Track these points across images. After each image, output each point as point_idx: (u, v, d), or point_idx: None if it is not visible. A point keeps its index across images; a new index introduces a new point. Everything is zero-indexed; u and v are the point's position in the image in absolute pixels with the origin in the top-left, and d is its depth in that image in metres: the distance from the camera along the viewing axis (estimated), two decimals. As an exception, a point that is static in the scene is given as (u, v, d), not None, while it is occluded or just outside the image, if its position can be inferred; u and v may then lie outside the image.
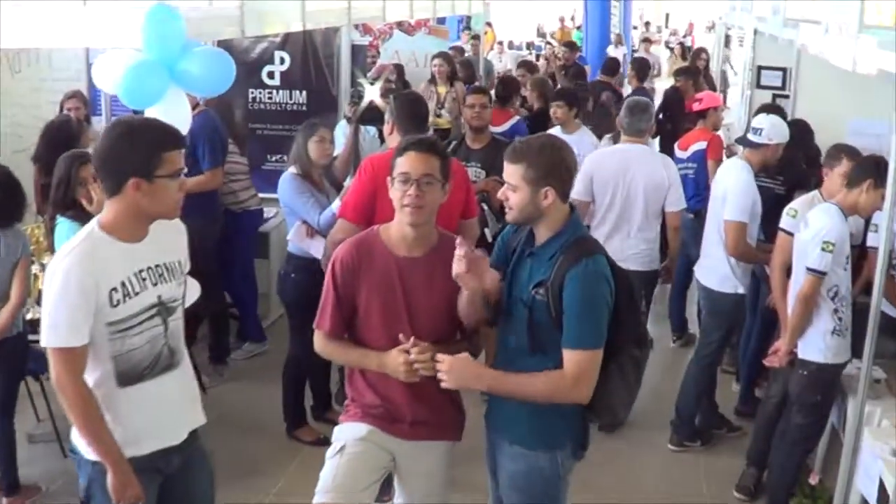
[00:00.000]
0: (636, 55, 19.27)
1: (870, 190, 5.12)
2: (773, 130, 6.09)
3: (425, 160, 3.67)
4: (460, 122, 9.12)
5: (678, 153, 8.16)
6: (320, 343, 3.89)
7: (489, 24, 29.40)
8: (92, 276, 3.22)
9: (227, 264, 7.42)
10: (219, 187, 6.91)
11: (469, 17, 17.08)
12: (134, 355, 3.38)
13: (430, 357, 3.56)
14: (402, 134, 5.21)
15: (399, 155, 3.70)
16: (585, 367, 3.44)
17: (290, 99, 8.57)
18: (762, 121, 6.16)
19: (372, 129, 6.87)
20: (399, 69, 10.17)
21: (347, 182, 6.55)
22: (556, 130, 7.96)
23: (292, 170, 6.08)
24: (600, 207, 6.51)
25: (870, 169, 5.17)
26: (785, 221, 5.72)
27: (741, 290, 6.19)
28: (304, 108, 8.50)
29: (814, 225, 5.16)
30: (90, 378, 3.33)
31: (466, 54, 15.03)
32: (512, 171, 3.54)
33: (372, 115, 6.39)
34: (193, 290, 6.29)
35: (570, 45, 16.79)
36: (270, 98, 8.60)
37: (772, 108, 7.83)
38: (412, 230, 3.70)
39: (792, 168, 6.84)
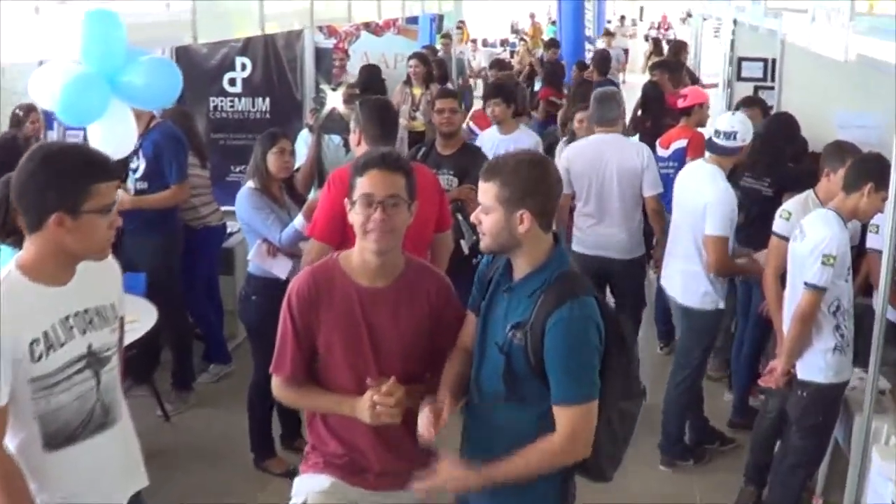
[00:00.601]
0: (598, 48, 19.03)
1: (871, 194, 4.71)
2: (745, 130, 5.70)
3: (390, 179, 3.29)
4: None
5: (659, 151, 7.78)
6: (281, 390, 3.49)
7: (462, 23, 29.12)
8: (9, 325, 2.82)
9: (188, 284, 7.04)
10: (185, 201, 6.55)
11: (441, 17, 16.69)
12: (62, 414, 2.98)
13: (396, 401, 3.18)
14: (371, 143, 4.88)
15: (359, 174, 3.31)
16: (580, 424, 3.06)
17: (253, 107, 8.19)
18: (734, 123, 5.71)
19: (336, 138, 6.45)
20: (374, 70, 9.76)
21: (312, 195, 6.21)
22: (492, 131, 7.55)
23: (250, 184, 5.71)
24: (579, 199, 6.57)
25: (870, 171, 4.75)
26: (778, 225, 5.36)
27: (721, 305, 5.82)
28: (268, 115, 8.14)
29: (812, 236, 4.75)
30: (12, 443, 2.93)
31: (439, 54, 14.75)
32: (485, 190, 3.15)
33: (335, 123, 5.99)
34: (149, 316, 5.96)
35: (552, 44, 16.44)
36: (232, 106, 8.22)
37: (751, 101, 7.55)
38: (376, 258, 3.32)
39: (779, 167, 6.48)
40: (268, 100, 8.14)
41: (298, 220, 5.38)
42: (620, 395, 3.19)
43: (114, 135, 4.68)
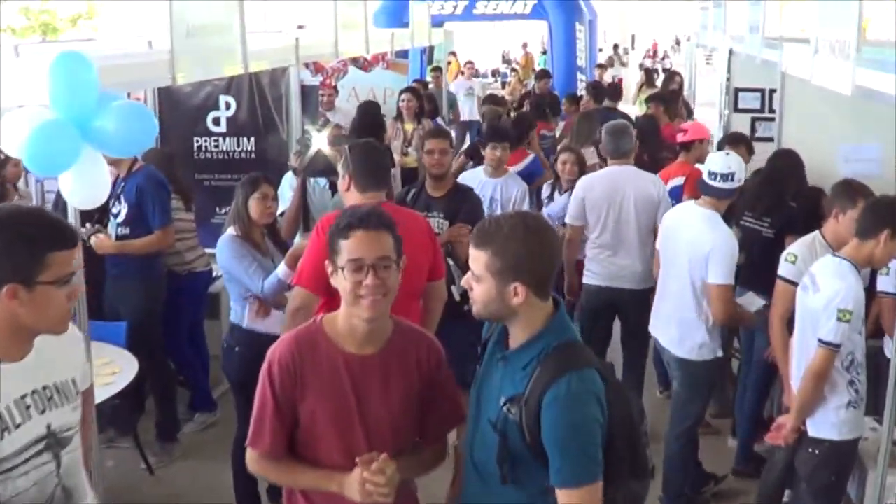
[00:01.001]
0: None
1: (887, 241, 4.45)
2: (741, 170, 5.45)
3: (378, 240, 3.06)
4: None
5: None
6: (258, 465, 3.22)
7: (453, 54, 29.00)
8: None
9: (171, 331, 6.82)
10: (170, 247, 6.34)
11: (432, 48, 16.50)
12: (19, 501, 2.71)
13: (388, 479, 2.93)
14: (361, 190, 4.67)
15: (343, 236, 3.06)
16: None
17: (238, 146, 7.95)
18: (730, 164, 5.38)
19: (322, 181, 6.17)
20: (372, 108, 9.49)
21: (297, 240, 5.98)
22: (478, 171, 7.26)
23: (231, 231, 5.47)
24: (594, 229, 6.57)
25: (886, 216, 4.48)
26: (784, 269, 5.13)
27: (720, 353, 5.59)
28: (253, 155, 7.91)
29: (826, 290, 4.47)
30: (-34, 532, 2.66)
31: (430, 87, 14.56)
32: (475, 258, 2.92)
33: (321, 166, 5.75)
34: (131, 367, 5.72)
35: (544, 74, 16.24)
36: (217, 146, 7.98)
37: (737, 139, 7.26)
38: (367, 325, 3.08)
39: (780, 208, 6.21)
40: (253, 139, 7.90)
41: (281, 269, 5.14)
42: (627, 474, 2.93)
43: (86, 184, 4.42)
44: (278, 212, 5.94)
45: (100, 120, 4.36)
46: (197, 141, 7.96)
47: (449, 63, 26.55)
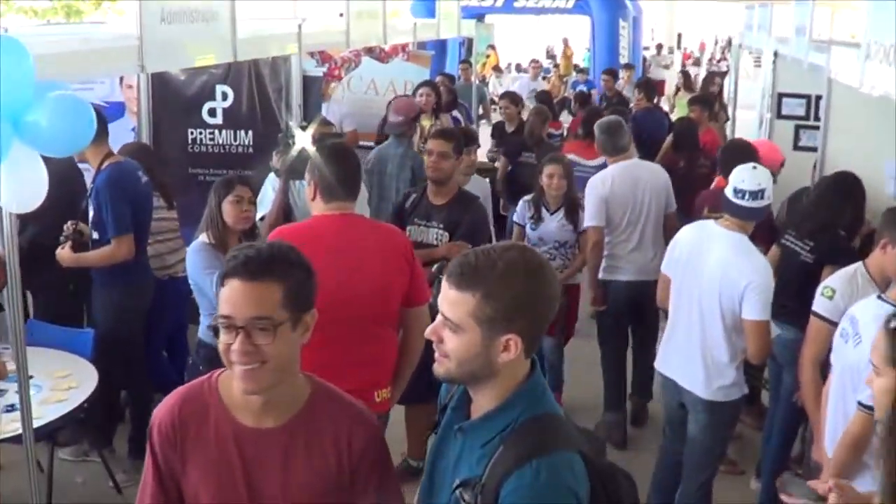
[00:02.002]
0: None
1: None
2: (770, 185, 4.77)
3: (256, 294, 2.40)
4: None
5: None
6: None
7: (492, 47, 28.37)
8: None
9: (147, 340, 6.28)
10: (128, 258, 5.72)
11: (470, 40, 15.84)
12: None
13: None
14: (326, 199, 4.11)
15: (221, 283, 2.45)
16: None
17: (235, 140, 7.37)
18: (759, 179, 4.70)
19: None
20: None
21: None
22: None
23: (203, 238, 4.92)
24: (616, 228, 6.50)
25: None
26: (820, 304, 4.46)
27: (745, 389, 4.97)
28: (251, 149, 7.33)
29: (870, 341, 3.79)
30: None
31: (459, 81, 13.96)
32: (455, 302, 2.28)
33: (304, 167, 5.15)
34: (89, 381, 5.19)
35: (611, 73, 15.33)
36: (212, 139, 7.40)
37: (740, 151, 6.34)
38: (249, 395, 2.49)
39: (826, 235, 5.43)
40: (251, 132, 7.31)
41: None
42: None
43: (17, 185, 3.86)
44: (258, 216, 5.39)
45: (34, 114, 3.80)
46: (191, 133, 7.39)
47: (488, 56, 26.04)
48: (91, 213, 5.76)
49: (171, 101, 7.41)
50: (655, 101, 12.80)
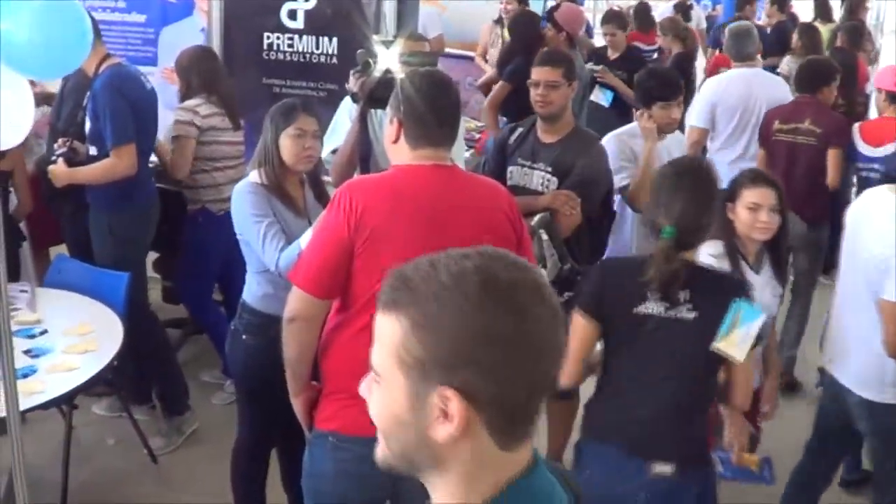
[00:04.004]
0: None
1: None
2: None
3: None
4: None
5: (863, 148, 5.74)
6: None
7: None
8: None
9: (196, 285, 5.54)
10: (130, 172, 4.91)
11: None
12: None
13: None
14: (413, 145, 3.09)
15: None
16: None
17: (318, 48, 6.22)
18: None
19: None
20: (530, 19, 7.56)
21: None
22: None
23: (254, 177, 3.92)
24: (722, 134, 6.33)
25: None
26: None
27: None
28: (335, 60, 6.19)
29: None
30: None
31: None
32: (379, 335, 1.47)
33: (387, 93, 4.06)
34: (110, 341, 4.29)
35: None
36: (291, 46, 6.29)
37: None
38: None
39: None
40: (335, 40, 6.19)
41: (306, 238, 3.55)
42: None
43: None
44: (329, 149, 4.35)
45: (6, 21, 2.79)
46: (268, 38, 6.27)
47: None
48: (88, 125, 4.96)
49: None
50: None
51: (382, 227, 2.94)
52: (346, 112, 4.55)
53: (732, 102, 6.25)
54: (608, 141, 4.91)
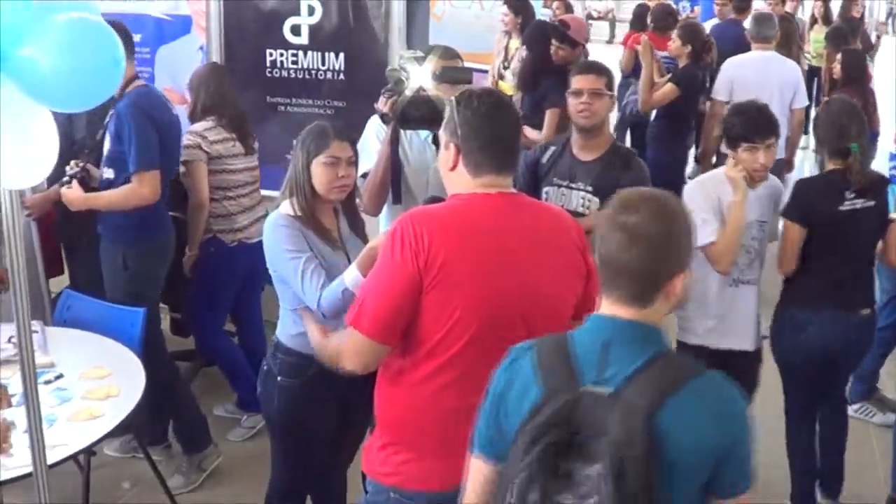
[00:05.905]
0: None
1: None
2: None
3: None
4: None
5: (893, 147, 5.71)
6: None
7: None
8: None
9: (207, 318, 5.31)
10: (152, 201, 4.68)
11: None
12: None
13: None
14: (474, 172, 2.83)
15: None
16: None
17: (323, 63, 6.01)
18: None
19: (424, 134, 4.16)
20: (543, 30, 7.29)
21: (381, 223, 4.20)
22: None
23: (285, 208, 3.66)
24: None
25: None
26: None
27: None
28: (342, 76, 5.99)
29: None
30: None
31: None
32: None
33: (420, 112, 3.82)
34: (133, 385, 4.01)
35: None
36: (296, 62, 6.06)
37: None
38: None
39: None
40: (342, 56, 5.96)
41: (351, 276, 3.30)
42: None
43: (12, 149, 2.60)
44: (359, 174, 4.11)
45: (30, 45, 2.52)
46: (270, 54, 6.05)
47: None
48: (107, 147, 4.73)
49: (246, 14, 6.14)
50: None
51: (452, 262, 2.67)
52: (375, 133, 4.30)
53: (750, 79, 6.86)
54: (691, 189, 4.42)
